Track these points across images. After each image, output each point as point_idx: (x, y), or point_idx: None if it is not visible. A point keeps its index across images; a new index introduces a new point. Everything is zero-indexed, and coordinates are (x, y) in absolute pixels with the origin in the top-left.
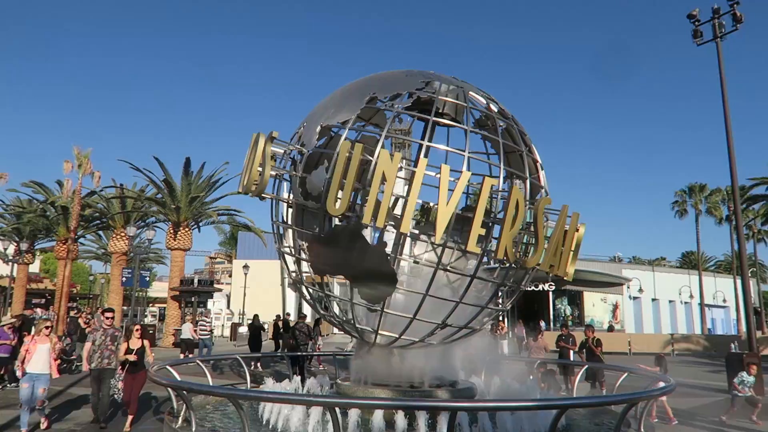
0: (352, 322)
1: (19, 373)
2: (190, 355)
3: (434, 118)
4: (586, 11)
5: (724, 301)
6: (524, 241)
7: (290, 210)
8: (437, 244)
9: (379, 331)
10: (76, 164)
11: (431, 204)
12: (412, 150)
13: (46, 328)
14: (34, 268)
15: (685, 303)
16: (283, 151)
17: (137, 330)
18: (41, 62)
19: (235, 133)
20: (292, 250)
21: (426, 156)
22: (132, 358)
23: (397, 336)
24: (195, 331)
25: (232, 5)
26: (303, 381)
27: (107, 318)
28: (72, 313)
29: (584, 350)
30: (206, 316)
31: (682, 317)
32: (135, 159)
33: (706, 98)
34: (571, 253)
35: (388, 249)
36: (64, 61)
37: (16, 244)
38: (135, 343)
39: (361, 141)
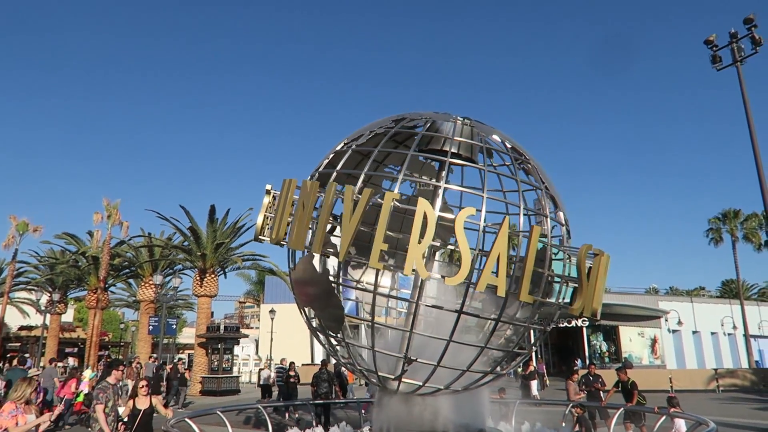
0: (373, 369)
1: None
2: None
3: (449, 159)
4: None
5: None
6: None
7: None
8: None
9: (402, 379)
10: (105, 215)
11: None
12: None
13: (35, 391)
14: (69, 317)
15: (729, 334)
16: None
17: (143, 387)
18: (71, 113)
19: (260, 179)
20: None
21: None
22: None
23: (420, 384)
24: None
25: (259, 49)
26: (326, 429)
27: (119, 371)
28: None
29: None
30: (282, 363)
31: (727, 350)
32: (162, 207)
33: (733, 120)
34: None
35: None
36: (94, 112)
37: (49, 295)
38: (142, 402)
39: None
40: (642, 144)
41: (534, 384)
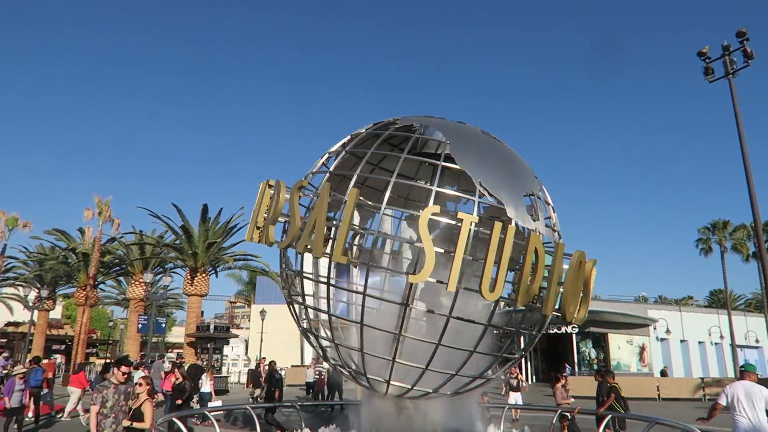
0: (363, 371)
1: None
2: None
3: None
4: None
5: (757, 341)
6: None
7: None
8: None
9: (391, 382)
10: (96, 212)
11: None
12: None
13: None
14: (57, 314)
15: (716, 344)
16: None
17: (142, 385)
18: (63, 110)
19: (253, 179)
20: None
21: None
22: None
23: (409, 387)
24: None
25: (254, 50)
26: None
27: (123, 373)
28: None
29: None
30: (319, 362)
31: (713, 359)
32: (154, 205)
33: (724, 131)
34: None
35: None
36: (86, 110)
37: (37, 291)
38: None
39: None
40: (633, 153)
41: (516, 395)
